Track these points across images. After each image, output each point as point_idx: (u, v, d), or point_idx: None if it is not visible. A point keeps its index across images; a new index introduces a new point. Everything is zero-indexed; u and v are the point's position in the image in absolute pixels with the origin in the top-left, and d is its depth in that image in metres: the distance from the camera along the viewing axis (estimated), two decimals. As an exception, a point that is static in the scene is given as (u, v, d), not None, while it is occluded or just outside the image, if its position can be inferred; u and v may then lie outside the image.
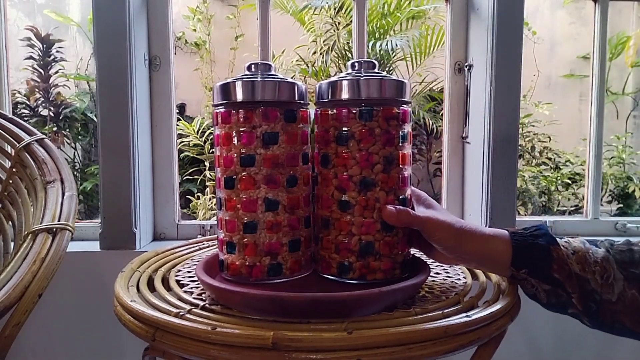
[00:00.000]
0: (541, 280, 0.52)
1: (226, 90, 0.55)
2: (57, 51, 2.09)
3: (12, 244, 0.84)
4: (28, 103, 2.16)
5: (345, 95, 0.55)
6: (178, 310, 0.50)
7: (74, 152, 2.29)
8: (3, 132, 0.84)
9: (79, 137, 2.27)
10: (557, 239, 0.53)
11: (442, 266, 0.68)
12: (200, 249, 0.77)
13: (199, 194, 2.08)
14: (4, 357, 0.61)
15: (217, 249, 0.60)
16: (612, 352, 1.07)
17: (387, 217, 0.54)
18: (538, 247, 0.53)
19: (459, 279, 0.62)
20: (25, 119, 2.09)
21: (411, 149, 0.58)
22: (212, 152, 2.03)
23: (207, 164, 2.15)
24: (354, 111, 0.54)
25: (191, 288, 0.58)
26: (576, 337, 1.06)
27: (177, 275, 0.63)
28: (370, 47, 2.06)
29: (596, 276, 0.51)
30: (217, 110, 0.56)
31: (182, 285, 0.59)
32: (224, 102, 0.55)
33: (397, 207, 0.55)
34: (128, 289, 0.57)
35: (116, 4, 0.95)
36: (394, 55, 2.20)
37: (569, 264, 0.51)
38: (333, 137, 0.55)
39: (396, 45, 2.06)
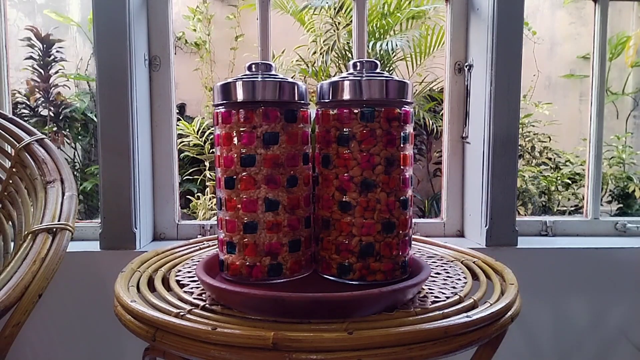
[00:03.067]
0: None
1: (227, 90, 0.55)
2: (57, 51, 2.08)
3: (12, 244, 0.83)
4: (28, 103, 2.16)
5: (346, 95, 0.55)
6: (178, 311, 0.50)
7: (74, 152, 2.28)
8: (3, 132, 0.84)
9: (79, 137, 2.27)
10: None
11: (442, 266, 0.68)
12: (200, 249, 0.77)
13: (199, 194, 2.08)
14: (4, 357, 0.61)
15: (217, 249, 0.60)
16: (612, 353, 1.07)
17: None
18: None
19: (459, 279, 0.62)
20: (25, 119, 2.08)
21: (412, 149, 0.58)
22: (212, 152, 2.03)
23: (207, 164, 2.15)
24: (355, 112, 0.54)
25: (191, 288, 0.58)
26: (576, 337, 1.06)
27: (177, 276, 0.63)
28: (370, 47, 2.06)
29: None
30: (218, 110, 0.56)
31: (182, 286, 0.59)
32: (225, 102, 0.55)
33: None
34: (128, 289, 0.57)
35: (116, 4, 0.95)
36: (394, 55, 2.20)
37: None
38: (334, 138, 0.55)
39: (396, 45, 2.05)
